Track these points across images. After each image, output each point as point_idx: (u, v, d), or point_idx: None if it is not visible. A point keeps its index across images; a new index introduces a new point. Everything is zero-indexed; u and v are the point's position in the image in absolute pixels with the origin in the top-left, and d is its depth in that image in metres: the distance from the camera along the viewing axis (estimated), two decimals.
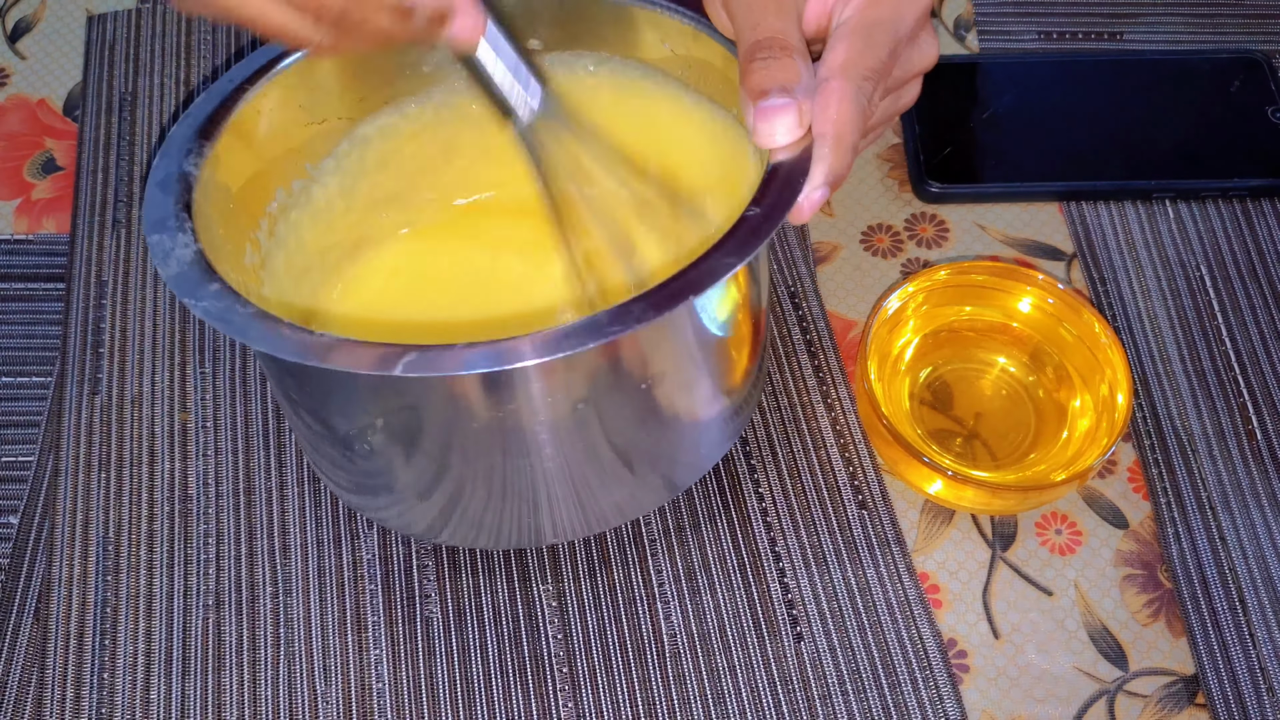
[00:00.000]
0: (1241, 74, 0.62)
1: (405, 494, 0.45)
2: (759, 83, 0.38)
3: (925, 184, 0.58)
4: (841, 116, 0.38)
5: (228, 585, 0.48)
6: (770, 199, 0.38)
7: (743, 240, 0.37)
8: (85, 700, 0.46)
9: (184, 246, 0.39)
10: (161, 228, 0.39)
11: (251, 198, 0.44)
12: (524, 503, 0.44)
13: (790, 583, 0.48)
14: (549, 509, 0.45)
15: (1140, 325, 0.55)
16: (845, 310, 0.55)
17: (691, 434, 0.46)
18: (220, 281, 0.38)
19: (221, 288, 0.38)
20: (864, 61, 0.39)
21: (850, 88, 0.38)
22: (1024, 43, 0.64)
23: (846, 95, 0.38)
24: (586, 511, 0.46)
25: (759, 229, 0.37)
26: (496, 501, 0.44)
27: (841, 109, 0.38)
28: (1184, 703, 0.46)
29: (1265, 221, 0.58)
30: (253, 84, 0.43)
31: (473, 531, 0.46)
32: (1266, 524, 0.50)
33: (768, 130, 0.38)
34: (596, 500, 0.46)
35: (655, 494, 0.48)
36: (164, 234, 0.39)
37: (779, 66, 0.38)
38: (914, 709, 0.46)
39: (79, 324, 0.54)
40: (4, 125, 0.61)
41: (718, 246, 0.37)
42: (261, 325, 0.36)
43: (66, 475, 0.51)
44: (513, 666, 0.47)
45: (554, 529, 0.46)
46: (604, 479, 0.45)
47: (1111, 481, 0.51)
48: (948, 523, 0.50)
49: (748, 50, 0.39)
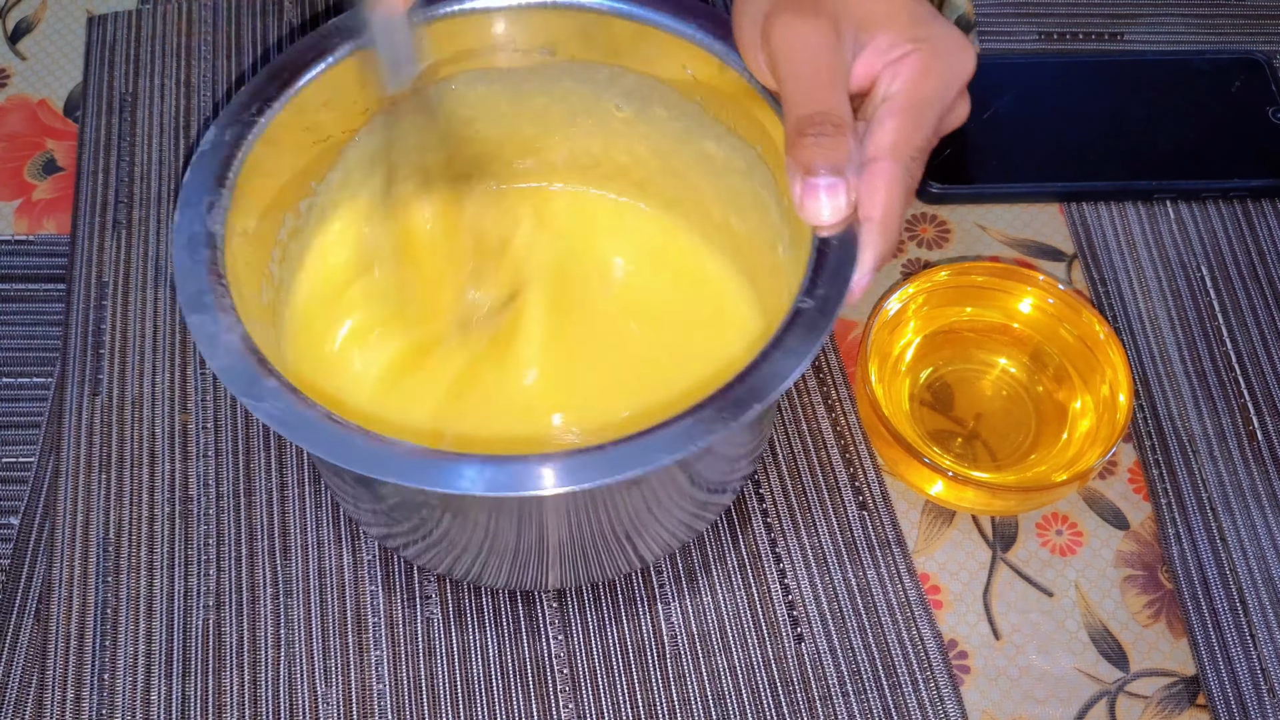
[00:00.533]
0: (1242, 75, 0.62)
1: (414, 537, 0.45)
2: (809, 159, 0.37)
3: (926, 184, 0.58)
4: (890, 199, 0.38)
5: (228, 586, 0.48)
6: (823, 288, 0.38)
7: (803, 334, 0.37)
8: (86, 701, 0.46)
9: (229, 331, 0.37)
10: (200, 306, 0.38)
11: (266, 230, 0.43)
12: (535, 565, 0.45)
13: (790, 583, 0.48)
14: (559, 570, 0.45)
15: (1141, 326, 0.55)
16: (846, 311, 0.55)
17: (718, 495, 0.47)
18: (276, 377, 0.36)
19: (279, 385, 0.36)
20: (913, 141, 0.38)
21: (899, 170, 0.38)
22: (1024, 43, 0.64)
23: (896, 178, 0.38)
24: (595, 566, 0.46)
25: (817, 323, 0.37)
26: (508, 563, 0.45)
27: (890, 192, 0.38)
28: (1185, 704, 0.46)
29: (1266, 222, 0.58)
30: (261, 113, 0.42)
31: (467, 571, 0.47)
32: (1267, 525, 0.50)
33: (814, 208, 0.37)
34: (607, 559, 0.46)
35: (672, 543, 0.48)
36: (204, 315, 0.37)
37: (831, 145, 0.37)
38: (914, 709, 0.46)
39: (79, 325, 0.54)
40: (4, 126, 0.61)
41: (777, 343, 0.37)
42: (328, 430, 0.35)
43: (67, 476, 0.51)
44: (513, 667, 0.47)
45: (560, 579, 0.47)
46: (617, 547, 0.45)
47: (1112, 482, 0.51)
48: (948, 523, 0.50)
49: (799, 122, 0.38)
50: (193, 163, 0.41)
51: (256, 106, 0.42)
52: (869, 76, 0.39)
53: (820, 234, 0.38)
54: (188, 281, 0.38)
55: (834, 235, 0.38)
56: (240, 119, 0.42)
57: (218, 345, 0.37)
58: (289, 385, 0.36)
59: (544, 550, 0.43)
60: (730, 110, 0.45)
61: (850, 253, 0.38)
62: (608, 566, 0.47)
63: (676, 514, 0.45)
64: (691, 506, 0.45)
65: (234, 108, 0.42)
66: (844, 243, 0.38)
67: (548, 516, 0.41)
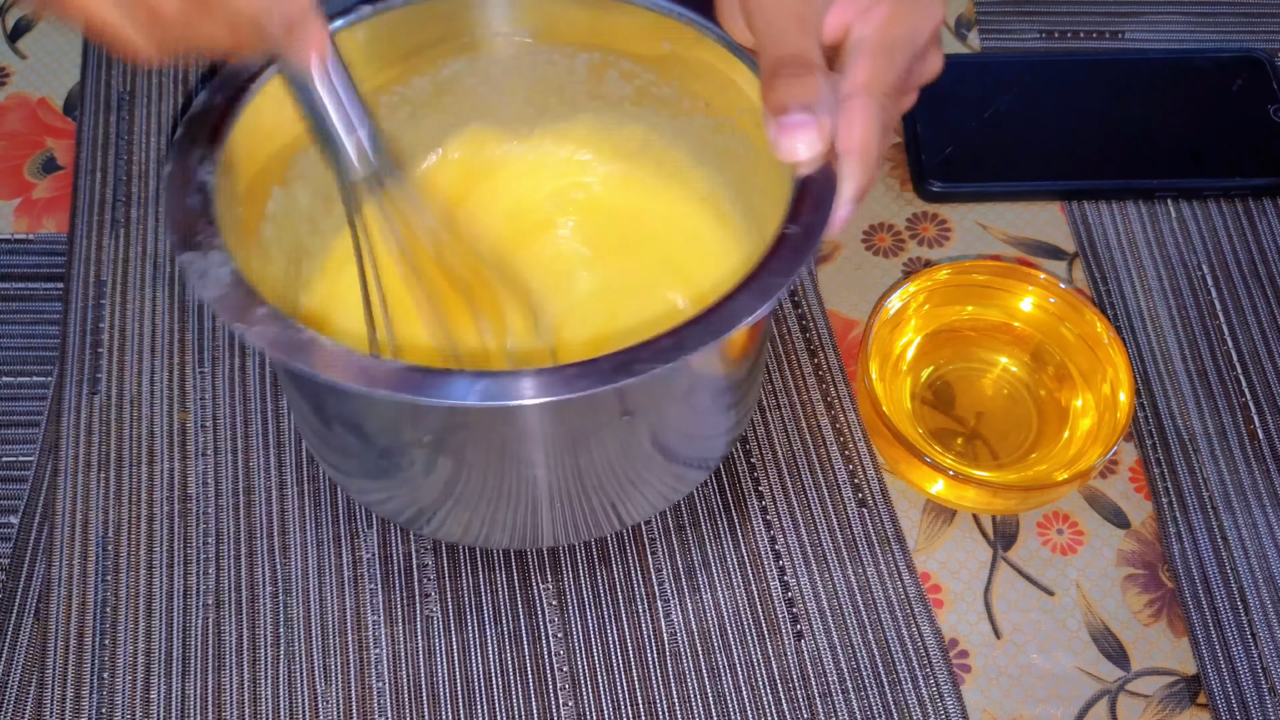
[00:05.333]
0: (1243, 73, 0.62)
1: (403, 487, 0.45)
2: (781, 98, 0.39)
3: (927, 183, 0.58)
4: (866, 133, 0.39)
5: (228, 585, 0.48)
6: (806, 216, 0.39)
7: (788, 258, 0.38)
8: (85, 700, 0.46)
9: (219, 265, 0.38)
10: (191, 245, 0.38)
11: (252, 199, 0.44)
12: (524, 507, 0.44)
13: (790, 581, 0.48)
14: (549, 514, 0.45)
15: (1142, 324, 0.55)
16: (846, 310, 0.55)
17: (700, 443, 0.47)
18: (266, 304, 0.37)
19: (269, 311, 0.37)
20: (885, 79, 0.40)
21: (873, 105, 0.39)
22: (1025, 42, 0.64)
23: (870, 112, 0.39)
24: (587, 516, 0.46)
25: (801, 247, 0.38)
26: (494, 503, 0.44)
27: (866, 126, 0.39)
28: (1185, 703, 0.46)
29: (1267, 221, 0.58)
30: (255, 80, 0.42)
31: (464, 528, 0.46)
32: (1268, 523, 0.50)
33: (789, 145, 0.39)
34: (598, 507, 0.46)
35: (658, 500, 0.48)
36: (195, 252, 0.38)
37: (801, 84, 0.39)
38: (914, 707, 0.46)
39: (78, 324, 0.54)
40: (4, 124, 0.61)
41: (764, 265, 0.38)
42: (321, 350, 0.36)
43: (66, 475, 0.51)
44: (513, 665, 0.47)
45: (552, 532, 0.46)
46: (608, 490, 0.45)
47: (1113, 481, 0.51)
48: (949, 523, 0.50)
49: (771, 66, 0.40)
50: (184, 121, 0.42)
51: (247, 74, 0.43)
52: (842, 27, 0.41)
53: (798, 173, 0.40)
54: (178, 222, 0.39)
55: (814, 173, 0.39)
56: (231, 84, 0.42)
57: (209, 279, 0.37)
58: (279, 312, 0.37)
59: (536, 498, 0.43)
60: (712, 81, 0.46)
61: (831, 185, 0.39)
62: (600, 520, 0.46)
63: (665, 459, 0.45)
64: (681, 450, 0.45)
65: (226, 75, 0.43)
66: (826, 177, 0.40)
67: (537, 444, 0.41)
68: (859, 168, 0.39)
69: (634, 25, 0.46)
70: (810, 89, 0.39)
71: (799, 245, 0.38)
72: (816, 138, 0.39)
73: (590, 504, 0.45)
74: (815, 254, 0.38)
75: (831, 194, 0.39)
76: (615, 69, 0.49)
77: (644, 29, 0.46)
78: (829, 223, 0.39)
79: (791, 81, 0.39)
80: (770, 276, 0.37)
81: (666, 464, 0.45)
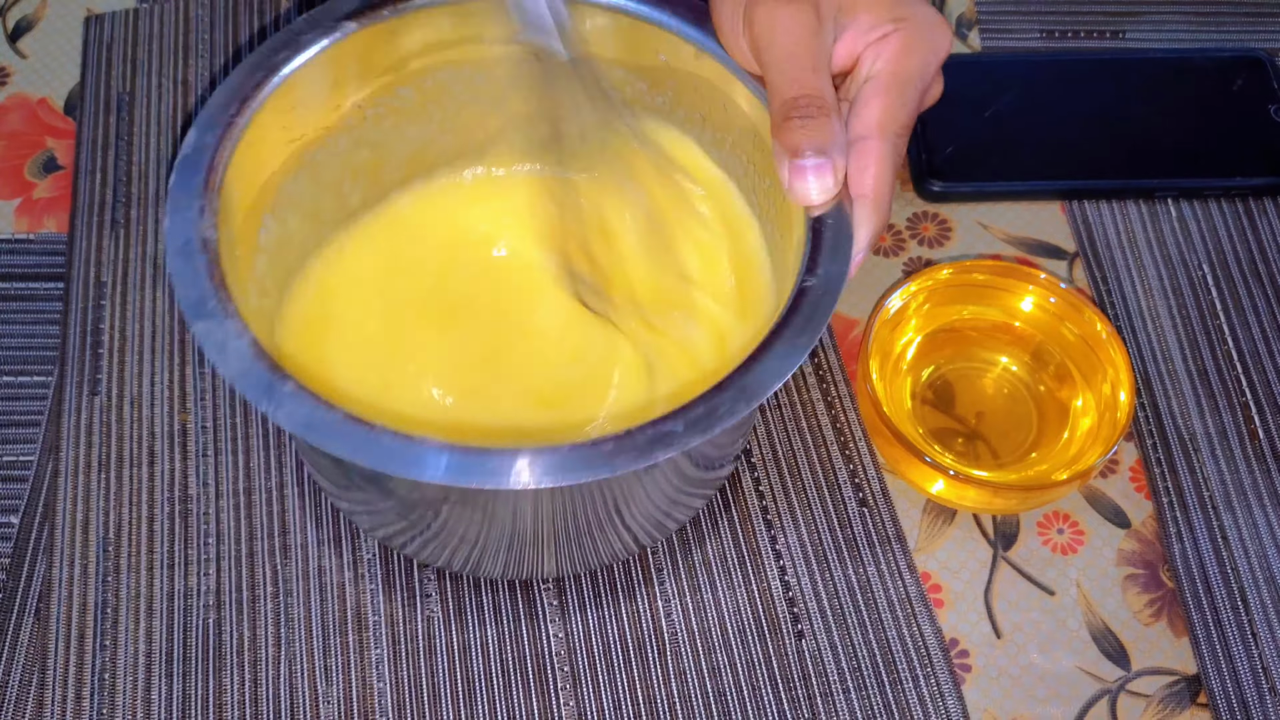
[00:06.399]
0: (1244, 72, 0.62)
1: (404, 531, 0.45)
2: (795, 141, 0.38)
3: (927, 183, 0.58)
4: (879, 177, 0.39)
5: (228, 585, 0.48)
6: (823, 268, 0.38)
7: (809, 314, 0.37)
8: (86, 701, 0.46)
9: (237, 337, 0.36)
10: (205, 313, 0.37)
11: (246, 234, 0.43)
12: (533, 552, 0.45)
13: (791, 580, 0.48)
14: (554, 557, 0.45)
15: (1142, 324, 0.55)
16: (847, 309, 0.55)
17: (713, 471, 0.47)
18: (292, 380, 0.36)
19: (296, 388, 0.35)
20: (898, 118, 0.39)
21: (886, 147, 0.39)
22: (1026, 41, 0.64)
23: (884, 156, 0.39)
24: (585, 553, 0.46)
25: (822, 303, 0.38)
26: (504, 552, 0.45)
27: (880, 169, 0.39)
28: (1186, 703, 0.46)
29: (1267, 220, 0.58)
30: (241, 114, 0.41)
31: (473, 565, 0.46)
32: (1269, 523, 0.50)
33: (803, 188, 0.39)
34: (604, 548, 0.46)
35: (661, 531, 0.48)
36: (210, 321, 0.37)
37: (815, 126, 0.38)
38: (914, 706, 0.46)
39: (78, 324, 0.54)
40: (5, 124, 0.61)
41: (786, 321, 0.37)
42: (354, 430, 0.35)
43: (66, 476, 0.51)
44: (513, 664, 0.47)
45: (557, 567, 0.47)
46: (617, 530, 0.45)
47: (1113, 481, 0.51)
48: (949, 522, 0.50)
49: (783, 106, 0.39)
50: (177, 166, 0.40)
51: (235, 107, 0.41)
52: (851, 57, 0.41)
53: (811, 214, 0.39)
54: (188, 288, 0.37)
55: (828, 214, 0.39)
56: (220, 120, 0.41)
57: (228, 352, 0.36)
58: (306, 388, 0.36)
59: (539, 538, 0.43)
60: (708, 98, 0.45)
61: (847, 233, 0.39)
62: (603, 552, 0.46)
63: (669, 495, 0.45)
64: (686, 487, 0.45)
65: (212, 109, 0.41)
66: (840, 224, 0.39)
67: (543, 505, 0.41)
68: (873, 213, 0.39)
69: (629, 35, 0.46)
70: (825, 133, 0.38)
71: (820, 302, 0.38)
72: (831, 181, 0.38)
73: (595, 543, 0.45)
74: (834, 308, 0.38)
75: (847, 240, 0.39)
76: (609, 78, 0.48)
77: (640, 39, 0.45)
78: (847, 274, 0.38)
79: (805, 123, 0.38)
80: (795, 335, 0.37)
81: (674, 497, 0.45)
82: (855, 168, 0.39)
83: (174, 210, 0.39)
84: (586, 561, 0.47)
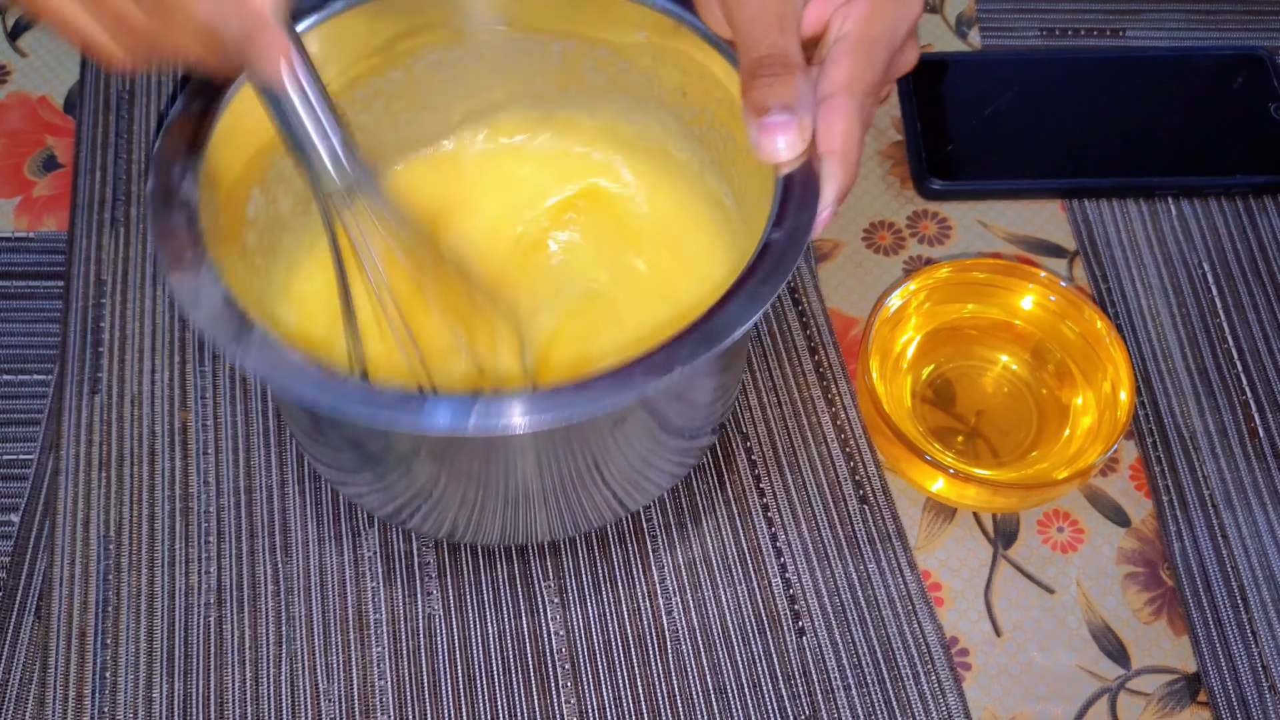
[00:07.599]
0: (1244, 70, 0.62)
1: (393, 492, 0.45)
2: (762, 98, 0.39)
3: (927, 181, 0.58)
4: (847, 134, 0.39)
5: (229, 583, 0.48)
6: (790, 220, 0.39)
7: (773, 266, 0.38)
8: (88, 699, 0.46)
9: (210, 286, 0.37)
10: (180, 265, 0.38)
11: (233, 205, 0.43)
12: (510, 507, 0.45)
13: (791, 576, 0.48)
14: (535, 511, 0.45)
15: (1142, 322, 0.55)
16: (847, 308, 0.55)
17: (690, 437, 0.47)
18: (259, 327, 0.36)
19: (262, 333, 0.36)
20: (865, 78, 0.40)
21: (854, 104, 0.39)
22: (1026, 39, 0.64)
23: (851, 112, 0.39)
24: (577, 513, 0.46)
25: (787, 253, 0.38)
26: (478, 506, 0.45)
27: (847, 126, 0.39)
28: (1185, 701, 0.46)
29: (1268, 218, 0.58)
30: (232, 83, 0.42)
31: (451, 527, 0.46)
32: (1269, 521, 0.50)
33: (770, 145, 0.39)
34: (590, 501, 0.46)
35: (652, 489, 0.48)
36: (184, 272, 0.38)
37: (782, 84, 0.39)
38: (915, 702, 0.46)
39: (78, 323, 0.54)
40: (5, 122, 0.61)
41: (751, 272, 0.38)
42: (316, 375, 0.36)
43: (67, 474, 0.51)
44: (514, 660, 0.47)
45: (544, 528, 0.47)
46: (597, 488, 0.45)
47: (1113, 479, 0.51)
48: (949, 521, 0.50)
49: (750, 66, 0.40)
50: (164, 130, 0.41)
51: (225, 77, 0.42)
52: (820, 21, 0.41)
53: (780, 172, 0.40)
54: (166, 242, 0.38)
55: (796, 171, 0.40)
56: (208, 89, 0.42)
57: (200, 301, 0.37)
58: (273, 334, 0.36)
59: (529, 494, 0.43)
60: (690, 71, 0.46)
61: (814, 188, 0.39)
62: (591, 513, 0.47)
63: (645, 455, 0.45)
64: (665, 450, 0.45)
65: (201, 78, 0.42)
66: (808, 179, 0.40)
67: (526, 454, 0.41)
68: (840, 168, 0.39)
69: (610, 13, 0.46)
70: (791, 89, 0.39)
71: (785, 251, 0.38)
72: (797, 138, 0.39)
73: (579, 500, 0.45)
74: (800, 259, 0.38)
75: (814, 195, 0.39)
76: (590, 57, 0.48)
77: (620, 17, 0.46)
78: (813, 226, 0.39)
79: (772, 81, 0.39)
80: (758, 285, 0.37)
81: (659, 455, 0.45)
82: (823, 125, 0.39)
83: (156, 171, 0.40)
84: (578, 523, 0.47)
